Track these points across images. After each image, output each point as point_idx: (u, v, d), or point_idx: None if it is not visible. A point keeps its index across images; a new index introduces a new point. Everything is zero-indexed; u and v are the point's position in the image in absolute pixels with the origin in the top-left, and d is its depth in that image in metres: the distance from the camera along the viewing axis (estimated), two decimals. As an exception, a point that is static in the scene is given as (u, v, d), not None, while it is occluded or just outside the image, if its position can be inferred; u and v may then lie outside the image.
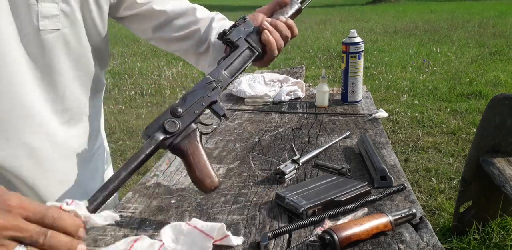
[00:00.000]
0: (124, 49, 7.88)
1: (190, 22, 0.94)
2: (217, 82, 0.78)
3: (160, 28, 0.94)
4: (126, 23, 0.95)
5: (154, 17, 0.92)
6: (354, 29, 1.44)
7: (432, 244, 0.66)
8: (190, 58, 0.99)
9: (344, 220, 0.71)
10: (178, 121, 0.73)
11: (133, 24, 0.95)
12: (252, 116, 1.38)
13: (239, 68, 0.82)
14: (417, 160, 2.90)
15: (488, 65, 5.49)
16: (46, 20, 0.70)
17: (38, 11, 0.68)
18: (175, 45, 0.97)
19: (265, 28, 0.82)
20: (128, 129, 3.71)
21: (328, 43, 7.47)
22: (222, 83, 0.79)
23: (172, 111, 0.73)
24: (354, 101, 1.44)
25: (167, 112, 0.73)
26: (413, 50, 6.67)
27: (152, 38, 0.97)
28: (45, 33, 0.71)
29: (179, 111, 0.73)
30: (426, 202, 2.36)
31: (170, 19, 0.93)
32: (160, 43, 0.99)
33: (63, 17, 0.73)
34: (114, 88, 5.09)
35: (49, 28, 0.71)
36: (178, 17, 0.93)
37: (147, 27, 0.94)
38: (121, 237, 0.71)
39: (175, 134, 0.72)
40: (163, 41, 0.97)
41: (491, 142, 1.84)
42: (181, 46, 0.96)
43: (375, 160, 0.92)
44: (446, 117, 3.71)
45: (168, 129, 0.71)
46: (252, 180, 0.92)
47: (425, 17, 10.97)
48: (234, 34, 0.81)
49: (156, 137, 0.71)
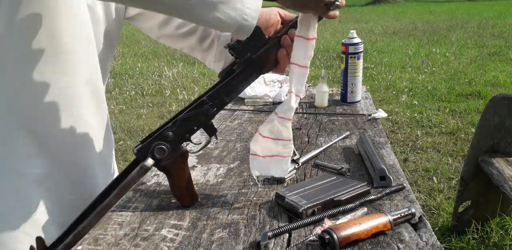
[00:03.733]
0: (125, 49, 7.88)
1: None
2: (213, 106, 0.76)
3: (165, 25, 0.95)
4: (135, 22, 0.97)
5: (156, 15, 0.93)
6: (354, 30, 1.44)
7: (431, 244, 0.67)
8: (198, 55, 1.00)
9: (344, 219, 0.72)
10: (167, 145, 0.74)
11: (141, 23, 0.97)
12: (252, 116, 1.39)
13: (238, 90, 0.78)
14: (416, 159, 2.91)
15: (487, 65, 5.49)
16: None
17: None
18: (181, 42, 0.98)
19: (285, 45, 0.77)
20: (129, 129, 3.72)
21: (328, 43, 7.47)
22: (218, 108, 0.77)
23: (162, 136, 0.74)
24: (353, 102, 1.45)
25: (157, 136, 0.74)
26: (412, 50, 6.67)
27: (160, 36, 0.99)
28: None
29: (169, 136, 0.74)
30: (425, 202, 2.36)
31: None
32: (168, 41, 1.00)
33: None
34: (115, 88, 5.09)
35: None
36: None
37: (153, 25, 0.96)
38: (121, 236, 0.72)
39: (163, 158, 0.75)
40: (170, 39, 0.99)
41: (490, 142, 1.85)
42: (187, 42, 0.97)
43: (375, 160, 0.92)
44: (445, 117, 3.71)
45: (157, 155, 0.73)
46: (252, 179, 0.93)
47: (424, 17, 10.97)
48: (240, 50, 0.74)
49: (146, 165, 0.73)
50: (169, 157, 0.75)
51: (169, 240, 0.70)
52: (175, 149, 0.76)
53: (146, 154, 0.73)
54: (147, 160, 0.73)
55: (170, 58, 6.87)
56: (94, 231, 0.74)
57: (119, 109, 4.25)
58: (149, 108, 4.32)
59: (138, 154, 0.74)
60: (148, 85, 5.16)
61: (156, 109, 4.27)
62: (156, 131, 0.75)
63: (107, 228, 0.75)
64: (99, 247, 0.69)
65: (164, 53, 7.28)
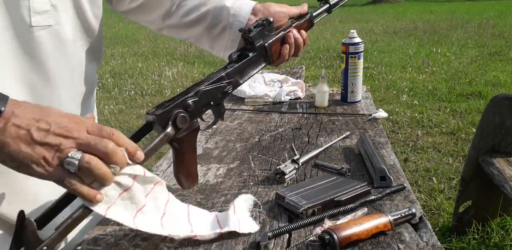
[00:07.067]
0: (125, 49, 7.87)
1: (199, 3, 0.90)
2: (229, 84, 0.77)
3: (169, 15, 0.91)
4: (135, 15, 0.93)
5: (161, 4, 0.90)
6: (354, 30, 1.44)
7: (431, 244, 0.67)
8: (205, 44, 0.96)
9: (344, 220, 0.72)
10: (187, 115, 0.71)
11: (142, 16, 0.92)
12: (252, 116, 1.38)
13: (250, 73, 0.82)
14: (417, 160, 2.90)
15: (488, 65, 5.49)
16: (37, 16, 0.68)
17: (29, 7, 0.66)
18: (187, 31, 0.93)
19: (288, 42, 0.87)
20: (128, 129, 3.71)
21: (328, 43, 7.47)
22: (234, 87, 0.78)
23: (185, 105, 0.71)
24: (353, 102, 1.44)
25: (179, 104, 0.71)
26: (412, 50, 6.67)
27: (163, 28, 0.94)
28: (37, 30, 0.69)
29: (191, 106, 0.71)
30: (426, 202, 2.36)
31: (177, 3, 0.90)
32: (171, 32, 0.96)
33: (55, 12, 0.70)
34: (115, 88, 5.09)
35: (41, 24, 0.69)
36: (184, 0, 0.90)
37: (156, 16, 0.91)
38: (121, 237, 0.71)
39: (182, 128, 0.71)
40: (175, 29, 0.94)
41: (491, 142, 1.84)
42: (194, 31, 0.92)
43: (375, 160, 0.92)
44: (445, 117, 3.71)
45: (179, 124, 0.70)
46: (252, 180, 0.92)
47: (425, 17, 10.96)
48: (256, 36, 0.81)
49: (169, 133, 0.69)
50: (185, 129, 0.72)
51: (168, 240, 0.70)
52: (192, 121, 0.73)
53: (167, 122, 0.69)
54: (168, 128, 0.69)
55: (170, 58, 6.87)
56: (94, 231, 0.74)
57: (119, 109, 4.25)
58: (149, 108, 4.30)
59: (158, 120, 0.69)
60: (147, 85, 5.16)
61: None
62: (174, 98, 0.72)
63: (106, 228, 0.74)
64: (99, 247, 0.69)
65: (164, 53, 7.27)
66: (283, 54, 0.86)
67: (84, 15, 0.76)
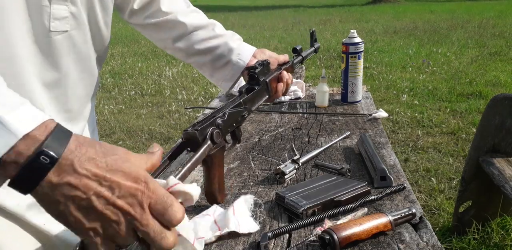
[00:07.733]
0: (124, 49, 7.88)
1: (211, 36, 1.00)
2: (245, 109, 0.85)
3: (180, 39, 0.98)
4: (146, 31, 0.98)
5: (176, 28, 0.97)
6: (354, 30, 1.44)
7: (431, 244, 0.66)
8: (205, 71, 1.05)
9: (344, 220, 0.72)
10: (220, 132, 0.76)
11: (154, 33, 0.99)
12: (252, 116, 1.38)
13: (257, 103, 0.92)
14: (417, 160, 2.90)
15: (488, 65, 5.49)
16: (57, 21, 0.71)
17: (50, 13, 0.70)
18: (194, 57, 1.02)
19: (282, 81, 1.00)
20: (128, 129, 3.71)
21: (328, 43, 7.47)
22: (248, 113, 0.86)
23: (216, 123, 0.76)
24: (354, 102, 1.44)
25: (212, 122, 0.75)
26: (413, 50, 6.67)
27: (170, 48, 1.01)
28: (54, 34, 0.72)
29: (220, 125, 0.76)
30: (426, 202, 2.36)
31: (189, 31, 0.98)
32: (177, 54, 1.03)
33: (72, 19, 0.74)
34: (114, 88, 5.09)
35: (59, 30, 0.72)
36: (197, 30, 0.99)
37: (167, 36, 0.98)
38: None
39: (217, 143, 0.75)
40: (182, 52, 1.02)
41: (491, 142, 1.84)
42: (200, 59, 1.02)
43: (375, 160, 0.92)
44: (446, 117, 3.71)
45: (216, 139, 0.74)
46: (252, 180, 0.92)
47: (425, 17, 10.96)
48: (260, 73, 0.93)
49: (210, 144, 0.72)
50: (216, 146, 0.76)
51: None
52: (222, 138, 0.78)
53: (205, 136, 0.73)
54: (207, 142, 0.72)
55: (169, 58, 6.86)
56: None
57: (119, 109, 4.25)
58: (149, 108, 4.31)
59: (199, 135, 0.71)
60: (147, 85, 5.16)
61: (156, 109, 4.26)
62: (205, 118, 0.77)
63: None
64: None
65: (164, 53, 7.27)
66: (279, 90, 0.99)
67: (97, 23, 0.80)
